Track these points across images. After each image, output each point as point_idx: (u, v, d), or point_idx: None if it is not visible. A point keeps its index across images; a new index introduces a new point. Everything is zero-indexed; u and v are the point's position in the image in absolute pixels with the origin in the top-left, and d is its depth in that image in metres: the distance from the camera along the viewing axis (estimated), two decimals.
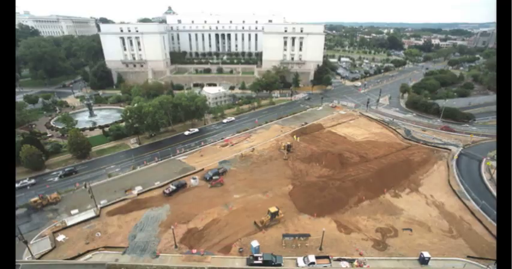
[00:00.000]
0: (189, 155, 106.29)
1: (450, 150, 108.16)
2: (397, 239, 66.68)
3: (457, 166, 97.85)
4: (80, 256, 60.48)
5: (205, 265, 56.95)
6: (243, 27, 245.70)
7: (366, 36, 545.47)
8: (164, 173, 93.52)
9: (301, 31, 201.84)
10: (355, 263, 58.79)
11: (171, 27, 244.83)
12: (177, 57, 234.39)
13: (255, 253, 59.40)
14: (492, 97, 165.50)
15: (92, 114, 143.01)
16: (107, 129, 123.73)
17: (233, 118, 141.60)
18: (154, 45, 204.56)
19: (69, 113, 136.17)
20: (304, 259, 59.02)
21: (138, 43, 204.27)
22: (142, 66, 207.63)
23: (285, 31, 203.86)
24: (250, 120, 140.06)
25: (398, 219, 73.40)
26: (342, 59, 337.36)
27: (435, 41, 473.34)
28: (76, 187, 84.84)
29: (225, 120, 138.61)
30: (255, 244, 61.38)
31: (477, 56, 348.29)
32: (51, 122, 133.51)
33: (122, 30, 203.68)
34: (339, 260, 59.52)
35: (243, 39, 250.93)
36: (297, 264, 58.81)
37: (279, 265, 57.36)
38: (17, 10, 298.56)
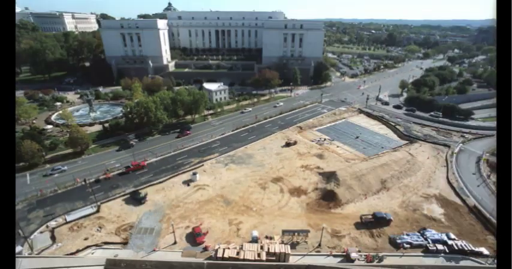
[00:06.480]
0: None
1: (449, 146, 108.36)
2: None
3: (456, 162, 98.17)
4: (79, 251, 60.64)
5: (205, 260, 57.15)
6: (243, 24, 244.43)
7: (365, 33, 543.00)
8: (164, 167, 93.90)
9: (301, 27, 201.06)
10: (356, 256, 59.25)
11: (171, 23, 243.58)
12: (177, 54, 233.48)
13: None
14: (491, 93, 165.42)
15: (91, 110, 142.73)
16: (106, 125, 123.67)
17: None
18: (155, 41, 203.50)
19: (68, 109, 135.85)
20: None
21: (139, 39, 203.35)
22: (142, 62, 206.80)
23: (285, 27, 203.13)
24: (250, 116, 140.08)
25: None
26: (341, 55, 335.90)
27: (435, 38, 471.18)
28: (76, 182, 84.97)
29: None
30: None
31: (476, 52, 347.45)
32: (52, 118, 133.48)
33: (122, 26, 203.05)
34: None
35: (243, 35, 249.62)
36: None
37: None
38: (16, 6, 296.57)
